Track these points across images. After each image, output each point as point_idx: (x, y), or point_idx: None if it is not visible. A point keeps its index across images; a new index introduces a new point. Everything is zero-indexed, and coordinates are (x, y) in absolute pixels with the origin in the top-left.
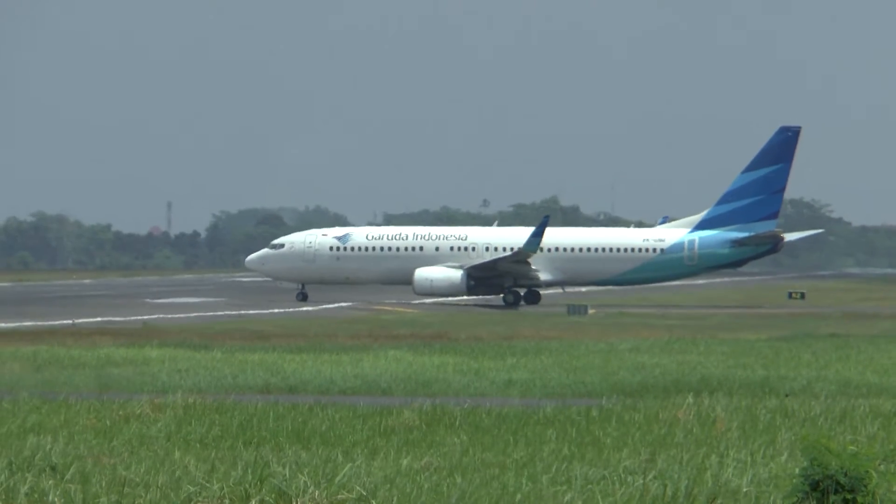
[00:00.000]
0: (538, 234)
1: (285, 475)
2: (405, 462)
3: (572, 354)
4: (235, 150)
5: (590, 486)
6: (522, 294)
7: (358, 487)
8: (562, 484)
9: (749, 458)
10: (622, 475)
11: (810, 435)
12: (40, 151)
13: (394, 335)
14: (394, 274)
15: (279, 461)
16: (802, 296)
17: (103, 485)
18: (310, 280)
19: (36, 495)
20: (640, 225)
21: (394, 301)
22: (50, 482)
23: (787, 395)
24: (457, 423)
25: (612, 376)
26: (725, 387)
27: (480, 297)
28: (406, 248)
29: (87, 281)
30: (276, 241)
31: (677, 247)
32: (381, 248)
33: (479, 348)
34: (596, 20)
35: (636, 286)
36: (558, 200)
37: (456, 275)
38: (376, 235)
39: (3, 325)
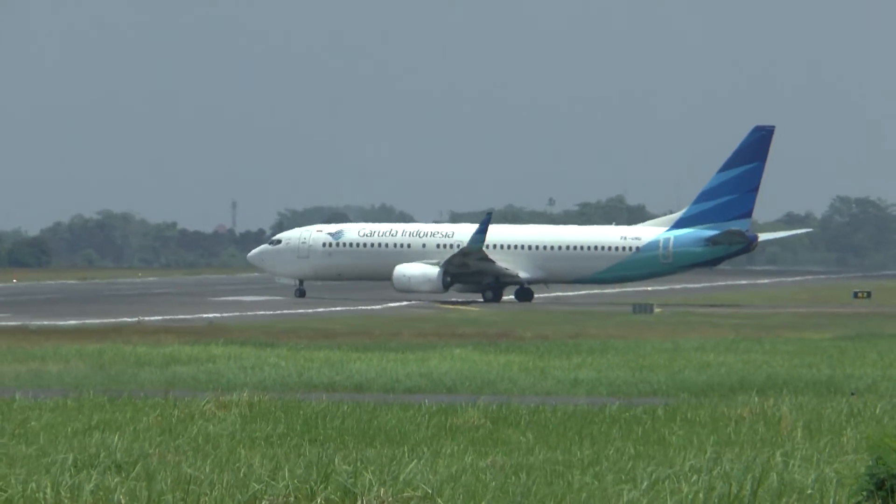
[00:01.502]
0: (482, 231)
1: (350, 473)
2: (470, 460)
3: (638, 353)
4: (301, 148)
5: (655, 485)
6: (514, 291)
7: (423, 485)
8: (627, 482)
9: (814, 457)
10: (687, 474)
11: (875, 434)
12: (106, 150)
13: (459, 333)
14: (383, 270)
15: (344, 459)
16: (868, 295)
17: (168, 483)
18: (304, 276)
19: (101, 493)
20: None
21: (459, 300)
22: (115, 480)
23: (852, 394)
24: (522, 421)
25: (678, 375)
26: (791, 386)
27: (471, 295)
28: (395, 245)
29: (152, 279)
30: (274, 237)
31: (653, 245)
32: (372, 245)
33: (544, 347)
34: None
35: (615, 284)
36: (624, 199)
37: (432, 272)
38: (368, 232)
39: (68, 322)
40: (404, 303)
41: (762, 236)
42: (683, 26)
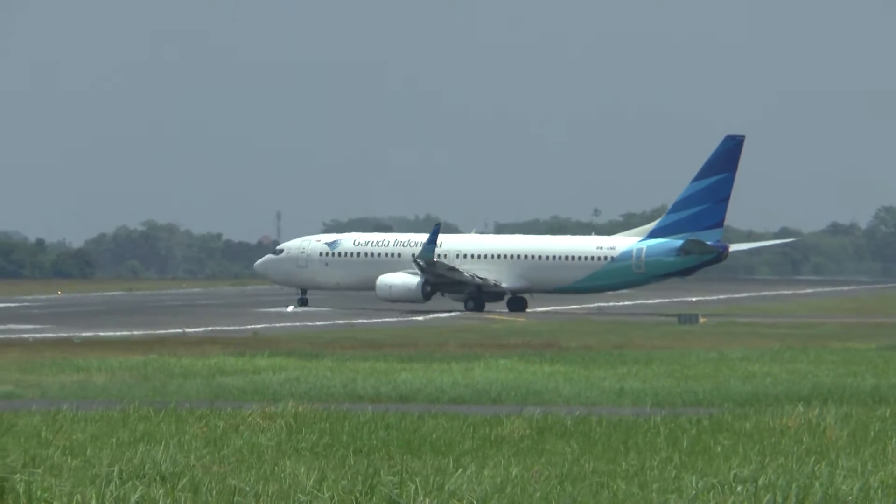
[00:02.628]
0: (432, 241)
1: (395, 484)
2: (515, 470)
3: (683, 363)
4: (347, 159)
5: (700, 495)
6: (506, 301)
7: (468, 496)
8: (672, 493)
9: (859, 467)
10: (732, 484)
11: None
12: (151, 161)
13: (504, 344)
14: (375, 280)
15: (389, 470)
16: None
17: (213, 494)
18: (303, 285)
19: None
20: (750, 235)
21: (505, 310)
22: (160, 491)
23: None
24: (567, 431)
25: (723, 385)
26: (836, 396)
27: (464, 305)
28: (387, 255)
29: (196, 290)
30: (278, 247)
31: (626, 255)
32: (365, 255)
33: (589, 357)
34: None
35: (591, 294)
36: (668, 209)
37: (413, 281)
38: (362, 242)
39: (113, 333)
40: (449, 314)
41: (735, 247)
42: (732, 41)
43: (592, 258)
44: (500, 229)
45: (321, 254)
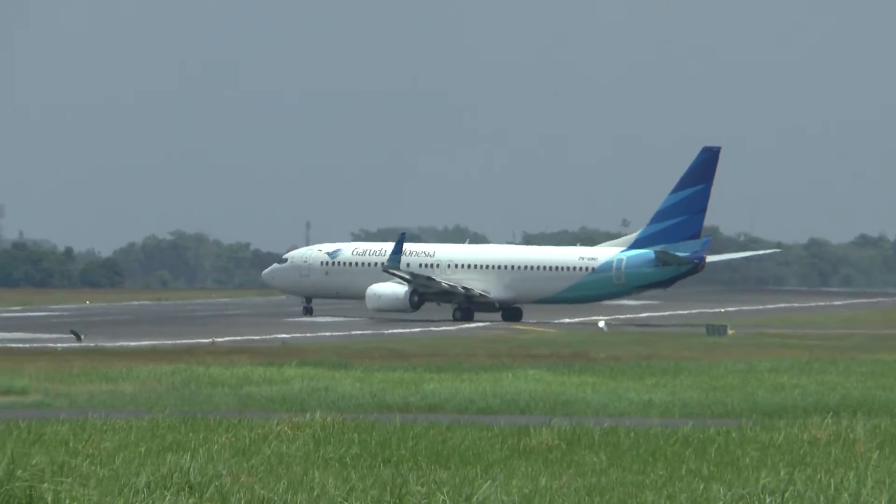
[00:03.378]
0: (397, 252)
1: (424, 494)
2: (544, 481)
3: (711, 375)
4: (376, 169)
5: None
6: (501, 313)
7: None
8: (700, 503)
9: (888, 479)
10: (761, 495)
11: None
12: (180, 170)
13: (533, 354)
14: None
15: (418, 480)
16: None
17: (241, 503)
18: (306, 294)
19: None
20: (779, 246)
21: (533, 321)
22: (188, 500)
23: None
24: (596, 442)
25: (752, 396)
26: (865, 407)
27: (466, 316)
28: (383, 264)
29: (225, 299)
30: (283, 256)
31: (607, 266)
32: (363, 264)
33: (618, 368)
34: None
35: (575, 305)
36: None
37: (400, 291)
38: (361, 251)
39: (142, 343)
40: (478, 324)
41: (712, 258)
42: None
43: (575, 269)
44: (529, 240)
45: (322, 263)
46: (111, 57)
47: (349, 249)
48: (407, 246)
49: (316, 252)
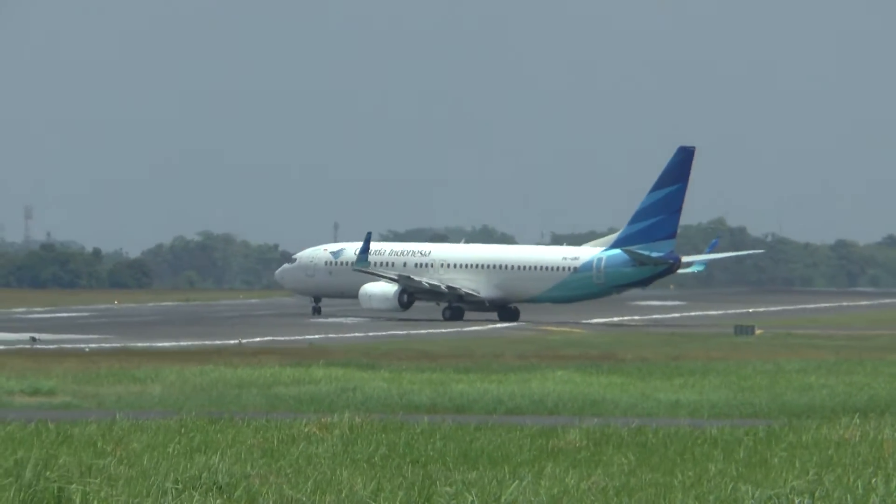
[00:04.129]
0: (364, 251)
1: (452, 495)
2: (572, 482)
3: (739, 375)
4: (405, 170)
5: None
6: (498, 313)
7: None
8: None
9: None
10: (789, 496)
11: None
12: (208, 171)
13: (561, 355)
14: None
15: (446, 480)
16: None
17: None
18: (312, 293)
19: None
20: (807, 247)
21: (562, 321)
22: (217, 501)
23: None
24: (624, 443)
25: (779, 397)
26: (893, 408)
27: (459, 315)
28: (383, 264)
29: (253, 300)
30: (293, 256)
31: (587, 265)
32: (371, 264)
33: (646, 369)
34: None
35: (559, 304)
36: (725, 221)
37: (390, 290)
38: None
39: (170, 344)
40: (506, 324)
41: (688, 258)
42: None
43: (558, 269)
44: (557, 241)
45: (326, 263)
46: (138, 57)
47: (352, 249)
48: (403, 246)
49: (321, 252)
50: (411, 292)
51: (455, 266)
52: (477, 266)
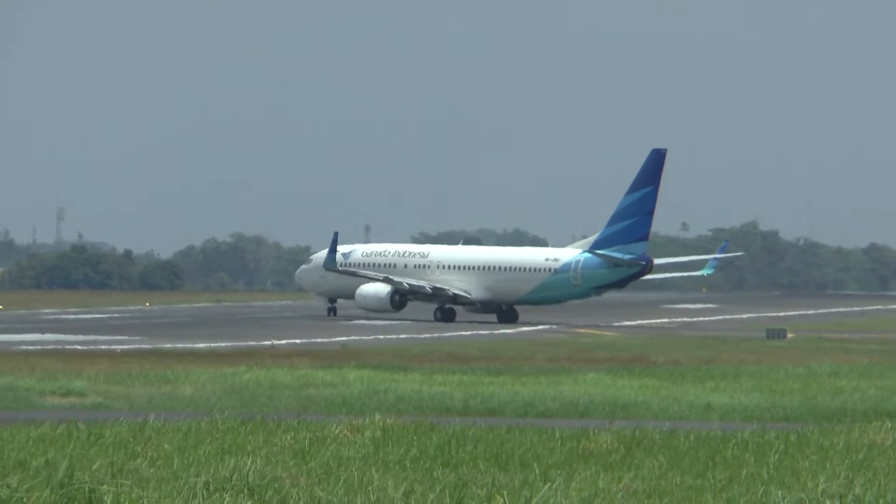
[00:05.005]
0: (332, 251)
1: (483, 497)
2: (603, 484)
3: (771, 378)
4: (436, 172)
5: None
6: (497, 315)
7: None
8: None
9: None
10: (820, 499)
11: None
12: (239, 174)
13: (592, 358)
14: None
15: (477, 483)
16: None
17: None
18: (326, 294)
19: None
20: (839, 251)
21: (593, 324)
22: (248, 502)
23: None
24: (655, 445)
25: (811, 401)
26: None
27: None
28: (386, 265)
29: (285, 302)
30: (310, 256)
31: (566, 267)
32: (370, 265)
33: (678, 372)
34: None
35: (541, 306)
36: (757, 225)
37: (383, 291)
38: (368, 252)
39: (201, 345)
40: (537, 327)
41: (660, 260)
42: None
43: (541, 270)
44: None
45: (337, 264)
46: (165, 56)
47: (360, 251)
48: (405, 247)
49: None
50: (403, 293)
51: (450, 267)
52: (469, 268)
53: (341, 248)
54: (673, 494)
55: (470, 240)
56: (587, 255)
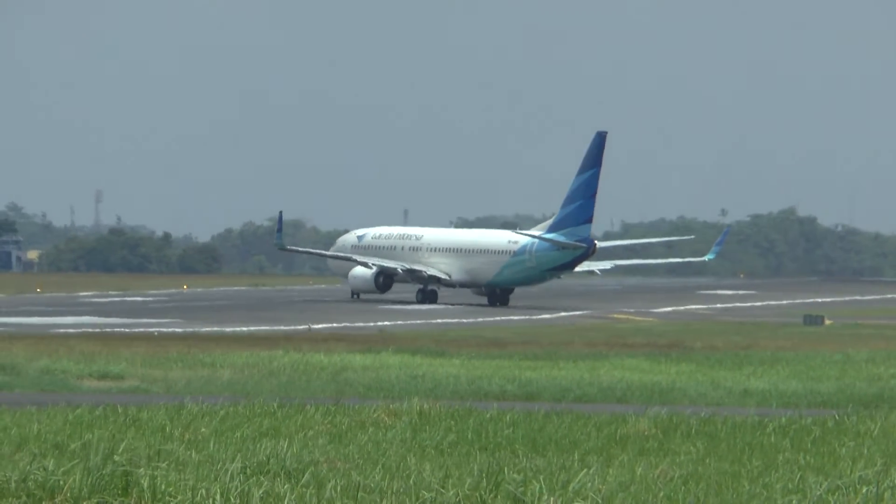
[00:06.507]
0: (279, 230)
1: (520, 482)
2: (640, 470)
3: (808, 365)
4: (475, 157)
5: (824, 497)
6: (487, 296)
7: (592, 495)
8: (796, 493)
9: None
10: (857, 486)
11: None
12: (278, 156)
13: (629, 343)
14: None
15: (514, 468)
16: None
17: (338, 490)
18: (343, 275)
19: (270, 500)
20: (877, 238)
21: (631, 310)
22: (284, 487)
23: None
24: (692, 431)
25: (848, 387)
26: None
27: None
28: (389, 248)
29: (322, 286)
30: (338, 240)
31: (522, 250)
32: (378, 247)
33: (715, 358)
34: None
35: (504, 288)
36: (795, 211)
37: (368, 273)
38: (377, 235)
39: (239, 329)
40: (575, 312)
41: (603, 244)
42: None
43: (503, 252)
44: (627, 229)
45: (352, 247)
46: (206, 44)
47: (371, 234)
48: (399, 229)
49: (351, 236)
50: (388, 275)
51: (437, 250)
52: (451, 250)
53: (357, 231)
54: (710, 480)
55: (508, 225)
56: (538, 238)
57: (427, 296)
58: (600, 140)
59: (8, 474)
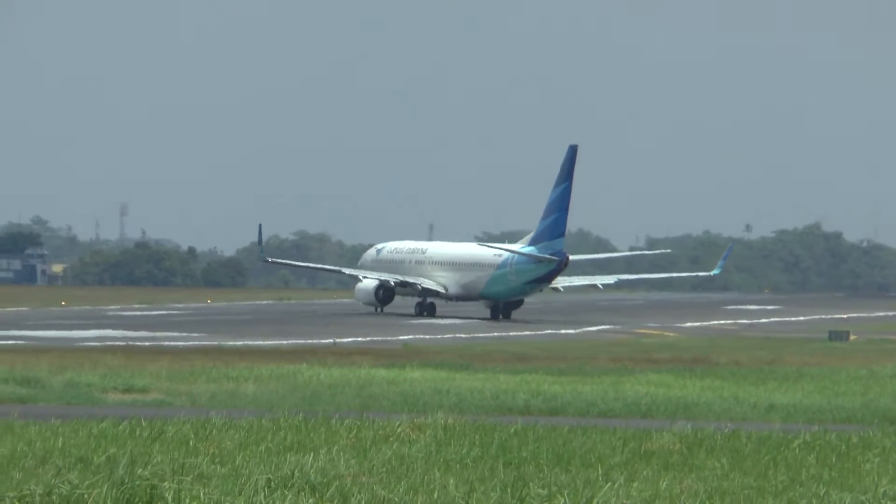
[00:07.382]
0: (259, 242)
1: (544, 497)
2: (664, 485)
3: (833, 380)
4: (500, 171)
5: None
6: (490, 309)
7: None
8: None
9: None
10: (881, 501)
11: None
12: (302, 172)
13: (654, 359)
14: None
15: (539, 482)
16: None
17: None
18: None
19: None
20: None
21: (656, 325)
22: (309, 501)
23: None
24: (717, 446)
25: (873, 402)
26: None
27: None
28: (400, 262)
29: (347, 300)
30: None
31: (504, 263)
32: (391, 261)
33: (739, 373)
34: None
35: (496, 301)
36: (820, 226)
37: (370, 286)
38: (391, 249)
39: (264, 343)
40: (600, 327)
41: (576, 257)
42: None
43: (489, 266)
44: (653, 244)
45: (371, 260)
46: (232, 56)
47: (388, 248)
48: (410, 244)
49: (373, 251)
50: (388, 288)
51: (438, 263)
52: (449, 264)
53: (378, 245)
54: (734, 496)
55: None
56: (516, 252)
57: (425, 309)
58: (572, 153)
59: (33, 488)
